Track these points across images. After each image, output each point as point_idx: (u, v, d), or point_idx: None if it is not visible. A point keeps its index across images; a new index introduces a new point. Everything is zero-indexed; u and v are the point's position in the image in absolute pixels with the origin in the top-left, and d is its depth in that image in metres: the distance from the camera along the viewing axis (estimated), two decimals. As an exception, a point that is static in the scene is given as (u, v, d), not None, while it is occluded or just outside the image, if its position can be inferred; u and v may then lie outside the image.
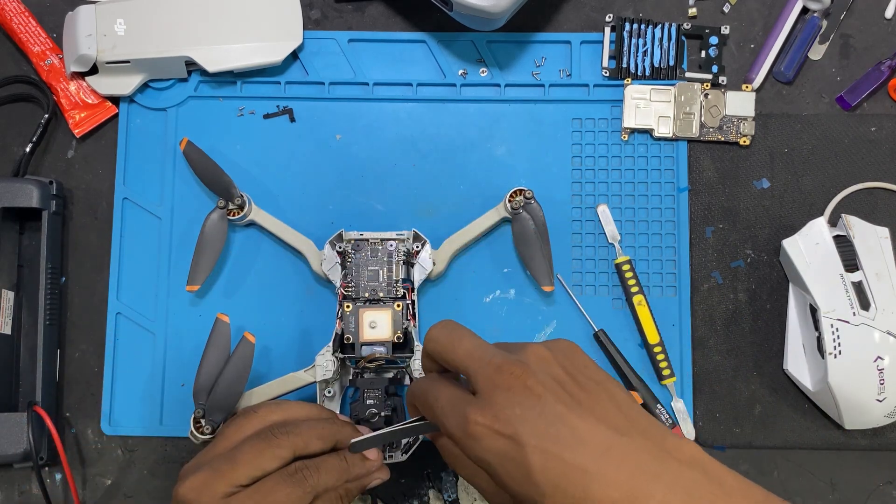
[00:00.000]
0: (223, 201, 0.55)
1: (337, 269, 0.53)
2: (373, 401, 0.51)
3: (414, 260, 0.54)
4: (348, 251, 0.53)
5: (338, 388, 0.53)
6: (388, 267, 0.53)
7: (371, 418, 0.51)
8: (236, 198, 0.55)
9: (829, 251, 0.53)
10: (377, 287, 0.53)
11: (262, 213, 0.56)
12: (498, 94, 0.59)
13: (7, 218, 0.56)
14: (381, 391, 0.51)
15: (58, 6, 0.60)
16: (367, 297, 0.53)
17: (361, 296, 0.53)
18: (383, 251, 0.53)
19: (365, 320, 0.52)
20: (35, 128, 0.58)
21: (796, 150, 0.58)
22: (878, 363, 0.50)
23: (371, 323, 0.52)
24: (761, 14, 0.60)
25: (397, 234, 0.53)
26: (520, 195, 0.54)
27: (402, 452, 0.50)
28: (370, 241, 0.53)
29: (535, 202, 0.54)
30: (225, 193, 0.55)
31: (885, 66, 0.57)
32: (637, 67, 0.58)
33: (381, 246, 0.53)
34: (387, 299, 0.52)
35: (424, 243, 0.54)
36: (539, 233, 0.54)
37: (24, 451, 0.52)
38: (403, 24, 0.60)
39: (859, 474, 0.55)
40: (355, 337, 0.52)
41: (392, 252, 0.53)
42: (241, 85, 0.59)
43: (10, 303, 0.56)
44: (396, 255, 0.53)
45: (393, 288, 0.53)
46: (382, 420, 0.51)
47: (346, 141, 0.58)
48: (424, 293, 0.56)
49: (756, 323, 0.57)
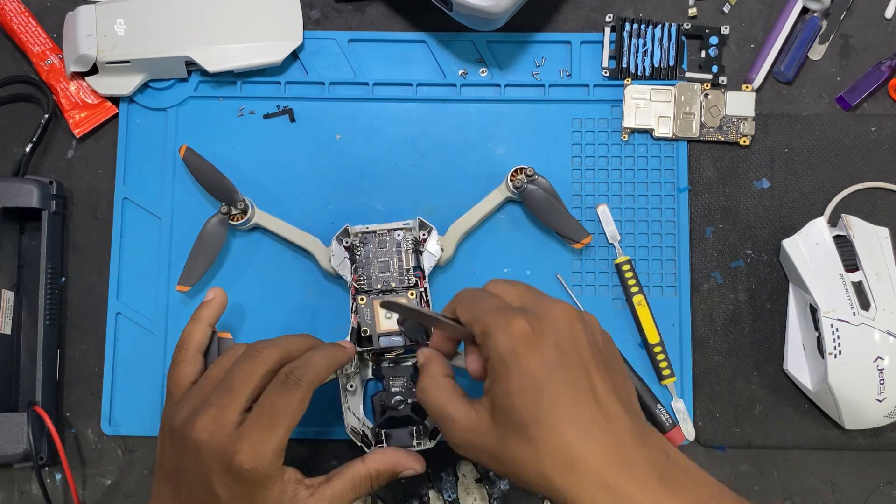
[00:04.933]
0: (226, 207, 0.55)
1: (346, 265, 0.53)
2: (398, 388, 0.51)
3: (422, 248, 0.54)
4: (356, 245, 0.53)
5: (358, 382, 0.53)
6: (398, 256, 0.53)
7: (397, 406, 0.51)
8: (239, 203, 0.55)
9: (829, 251, 0.53)
10: (389, 277, 0.53)
11: (265, 215, 0.56)
12: (498, 94, 0.59)
13: (7, 218, 0.56)
14: (405, 379, 0.52)
15: (58, 6, 0.60)
16: (379, 288, 0.53)
17: (374, 287, 0.53)
18: (391, 241, 0.53)
19: (380, 311, 0.52)
20: (35, 128, 0.58)
21: (796, 150, 0.58)
22: (878, 363, 0.50)
23: (387, 313, 0.52)
24: (761, 14, 0.60)
25: (403, 224, 0.54)
26: (521, 173, 0.54)
27: (429, 439, 0.50)
28: (377, 232, 0.53)
29: (539, 176, 0.55)
30: (227, 198, 0.55)
31: (885, 66, 0.57)
32: (637, 67, 0.58)
33: (389, 236, 0.53)
34: (399, 288, 0.53)
35: (431, 230, 0.54)
36: (555, 198, 0.55)
37: (25, 451, 0.52)
38: (403, 24, 0.60)
39: (859, 474, 0.55)
40: (372, 329, 0.52)
41: (400, 241, 0.53)
42: (241, 85, 0.59)
43: (10, 303, 0.56)
44: (405, 244, 0.53)
45: (405, 277, 0.53)
46: (409, 407, 0.51)
47: (346, 141, 0.58)
48: (433, 282, 0.56)
49: (756, 323, 0.57)
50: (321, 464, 0.56)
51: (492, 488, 0.55)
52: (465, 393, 0.41)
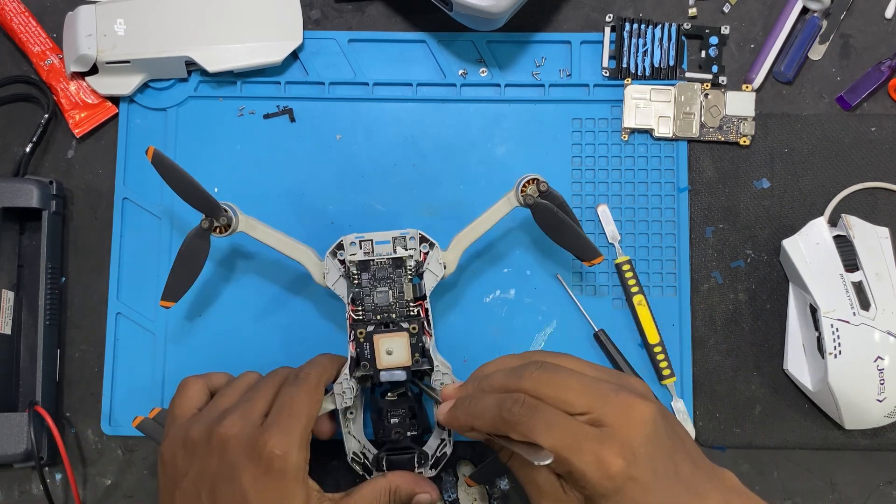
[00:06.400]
0: (206, 221, 0.49)
1: (342, 283, 0.50)
2: (397, 419, 0.49)
3: (423, 269, 0.50)
4: (353, 271, 0.49)
5: (358, 404, 0.51)
6: (399, 286, 0.49)
7: (398, 437, 0.49)
8: (221, 216, 0.50)
9: (829, 251, 0.53)
10: (389, 308, 0.49)
11: (252, 224, 0.51)
12: (498, 94, 0.59)
13: (7, 218, 0.56)
14: (405, 410, 0.49)
15: (58, 6, 0.60)
16: (378, 320, 0.49)
17: (373, 319, 0.49)
18: (390, 267, 0.49)
19: (381, 347, 0.49)
20: (35, 128, 0.58)
21: (796, 150, 0.58)
22: (878, 363, 0.51)
23: (388, 350, 0.49)
24: (761, 14, 0.60)
25: (401, 233, 0.50)
26: (532, 184, 0.50)
27: (430, 468, 0.50)
28: (375, 260, 0.49)
29: (552, 189, 0.51)
30: (206, 209, 0.49)
31: (885, 66, 0.57)
32: (637, 67, 0.58)
33: (388, 262, 0.49)
34: (400, 320, 0.49)
35: (433, 246, 0.50)
36: (567, 214, 0.52)
37: (25, 450, 0.52)
38: (403, 24, 0.60)
39: (859, 474, 0.55)
40: (372, 364, 0.49)
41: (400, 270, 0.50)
42: (241, 85, 0.59)
43: (10, 303, 0.56)
44: (405, 272, 0.50)
45: (405, 308, 0.50)
46: (409, 440, 0.49)
47: (346, 141, 0.58)
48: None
49: (756, 323, 0.57)
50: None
51: (492, 488, 0.55)
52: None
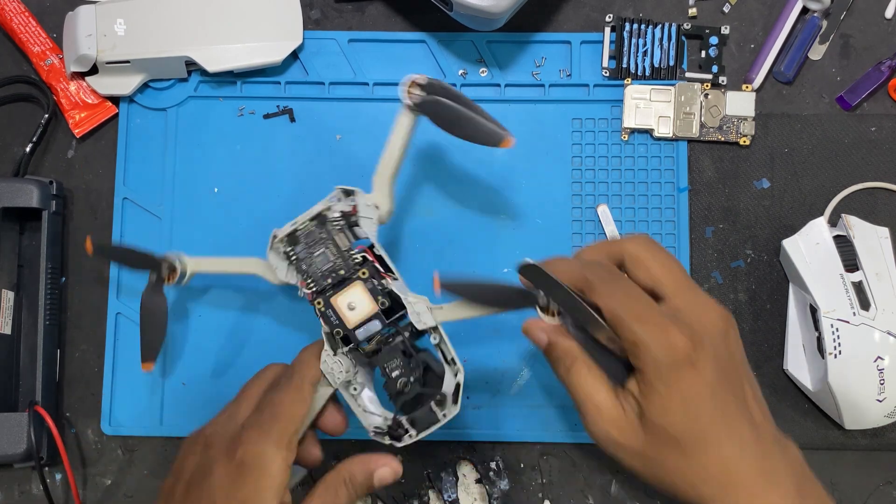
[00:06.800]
0: (153, 274, 0.50)
1: (292, 271, 0.49)
2: (398, 371, 0.47)
3: (355, 217, 0.49)
4: (287, 252, 0.49)
5: (361, 378, 0.48)
6: (332, 241, 0.48)
7: (404, 388, 0.47)
8: (164, 268, 0.50)
9: (829, 251, 0.53)
10: (334, 267, 0.48)
11: (199, 261, 0.51)
12: (498, 94, 0.59)
13: (7, 218, 0.56)
14: (399, 358, 0.47)
15: (58, 6, 0.60)
16: (329, 282, 0.48)
17: (324, 284, 0.48)
18: (319, 229, 0.48)
19: (341, 306, 0.47)
20: (35, 128, 0.58)
21: (796, 150, 0.58)
22: (878, 363, 0.50)
23: (349, 305, 0.47)
24: (761, 14, 0.60)
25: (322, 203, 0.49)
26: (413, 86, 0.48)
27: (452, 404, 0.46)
28: (299, 226, 0.48)
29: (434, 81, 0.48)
30: (149, 265, 0.50)
31: (885, 66, 0.57)
32: (637, 67, 0.58)
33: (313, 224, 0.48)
34: (350, 274, 0.47)
35: (355, 193, 0.49)
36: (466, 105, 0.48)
37: (25, 450, 0.52)
38: (403, 24, 0.60)
39: (859, 474, 0.55)
40: (343, 327, 0.47)
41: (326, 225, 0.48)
42: (241, 85, 0.59)
43: (10, 303, 0.56)
44: (332, 225, 0.48)
45: (348, 259, 0.48)
46: (419, 384, 0.47)
47: (346, 141, 0.58)
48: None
49: (756, 323, 0.57)
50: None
51: (492, 488, 0.55)
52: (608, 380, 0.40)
